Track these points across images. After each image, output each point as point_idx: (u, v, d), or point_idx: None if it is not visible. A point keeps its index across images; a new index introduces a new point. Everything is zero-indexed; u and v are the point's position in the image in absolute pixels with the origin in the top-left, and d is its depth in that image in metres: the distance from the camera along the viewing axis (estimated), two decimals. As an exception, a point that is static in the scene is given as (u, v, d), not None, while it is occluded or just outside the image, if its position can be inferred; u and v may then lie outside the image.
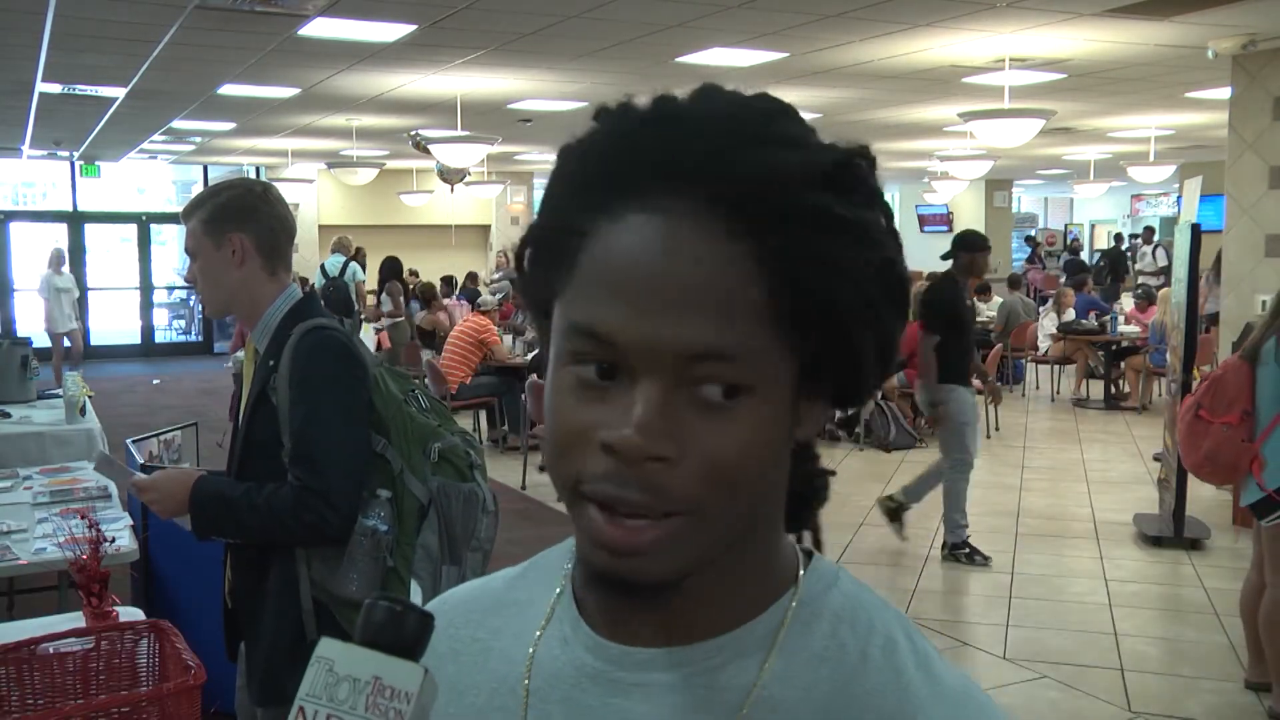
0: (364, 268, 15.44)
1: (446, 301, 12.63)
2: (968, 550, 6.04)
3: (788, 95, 0.66)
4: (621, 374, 0.61)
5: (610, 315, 0.61)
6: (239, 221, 2.24)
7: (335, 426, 2.13)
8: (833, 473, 0.77)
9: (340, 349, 2.18)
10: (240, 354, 9.00)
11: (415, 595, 2.12)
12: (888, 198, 0.69)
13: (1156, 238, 18.70)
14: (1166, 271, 15.91)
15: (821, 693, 0.66)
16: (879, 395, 9.52)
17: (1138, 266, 18.22)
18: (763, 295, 0.60)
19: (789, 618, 0.68)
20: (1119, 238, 22.34)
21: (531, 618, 0.75)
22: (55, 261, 13.28)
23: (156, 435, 5.26)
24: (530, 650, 0.73)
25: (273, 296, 2.28)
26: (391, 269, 13.47)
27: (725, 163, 0.60)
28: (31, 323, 15.94)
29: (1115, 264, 19.17)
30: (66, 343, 13.34)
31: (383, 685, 0.66)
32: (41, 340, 14.05)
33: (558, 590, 0.75)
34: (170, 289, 18.20)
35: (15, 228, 17.27)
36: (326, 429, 2.12)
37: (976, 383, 6.56)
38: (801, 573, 0.71)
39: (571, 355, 0.63)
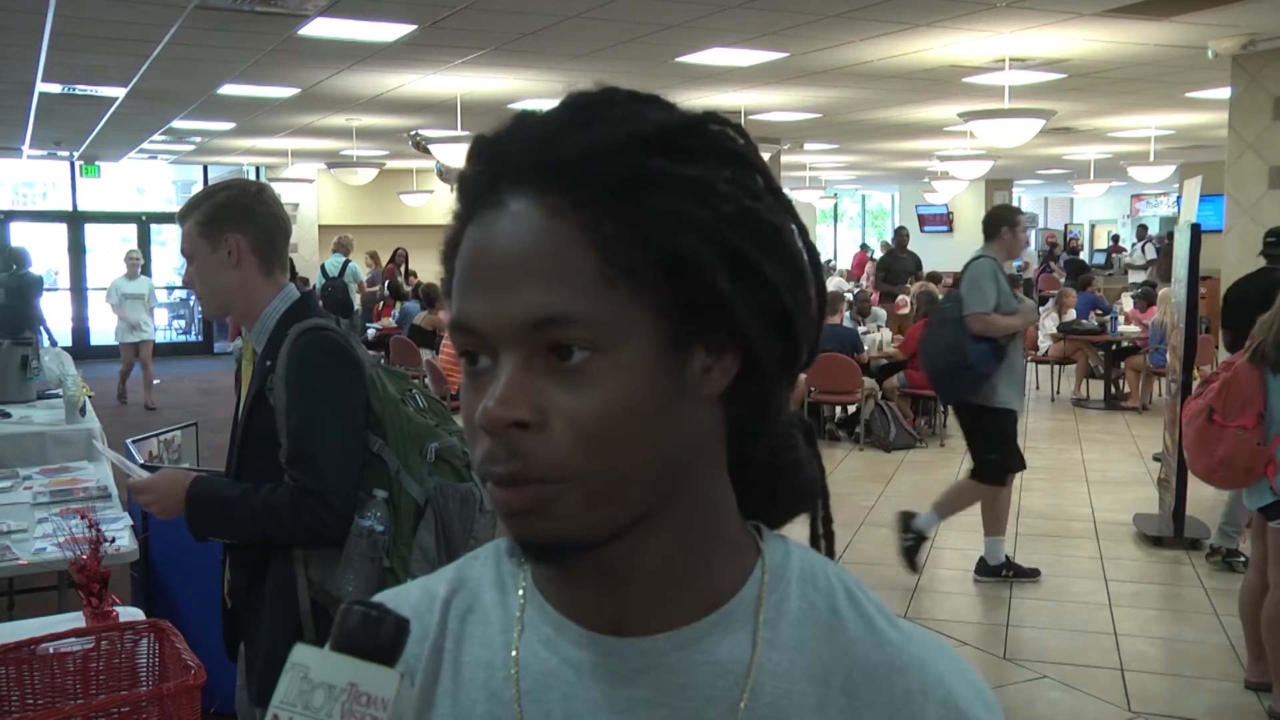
0: (407, 270, 15.58)
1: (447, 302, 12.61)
2: (1226, 555, 5.86)
3: (788, 95, 0.67)
4: (492, 358, 0.66)
5: (468, 305, 0.66)
6: (234, 222, 2.24)
7: (331, 427, 2.12)
8: (807, 434, 0.78)
9: (336, 349, 2.17)
10: (239, 342, 9.13)
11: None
12: (888, 197, 0.70)
13: (1147, 235, 18.89)
14: (1154, 265, 16.00)
15: (810, 650, 0.71)
16: (879, 395, 9.52)
17: (1126, 260, 18.31)
18: (595, 259, 0.63)
19: (765, 588, 0.72)
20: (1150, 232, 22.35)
21: (495, 625, 0.76)
22: (129, 264, 12.01)
23: (156, 435, 5.26)
24: (513, 654, 0.74)
25: (270, 296, 2.28)
26: None
27: (545, 151, 0.65)
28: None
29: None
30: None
31: (358, 692, 0.65)
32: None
33: (519, 593, 0.76)
34: (170, 289, 18.19)
35: (15, 228, 17.27)
36: (323, 429, 2.12)
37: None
38: (761, 544, 0.75)
39: (460, 353, 0.68)
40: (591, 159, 0.64)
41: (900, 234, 14.43)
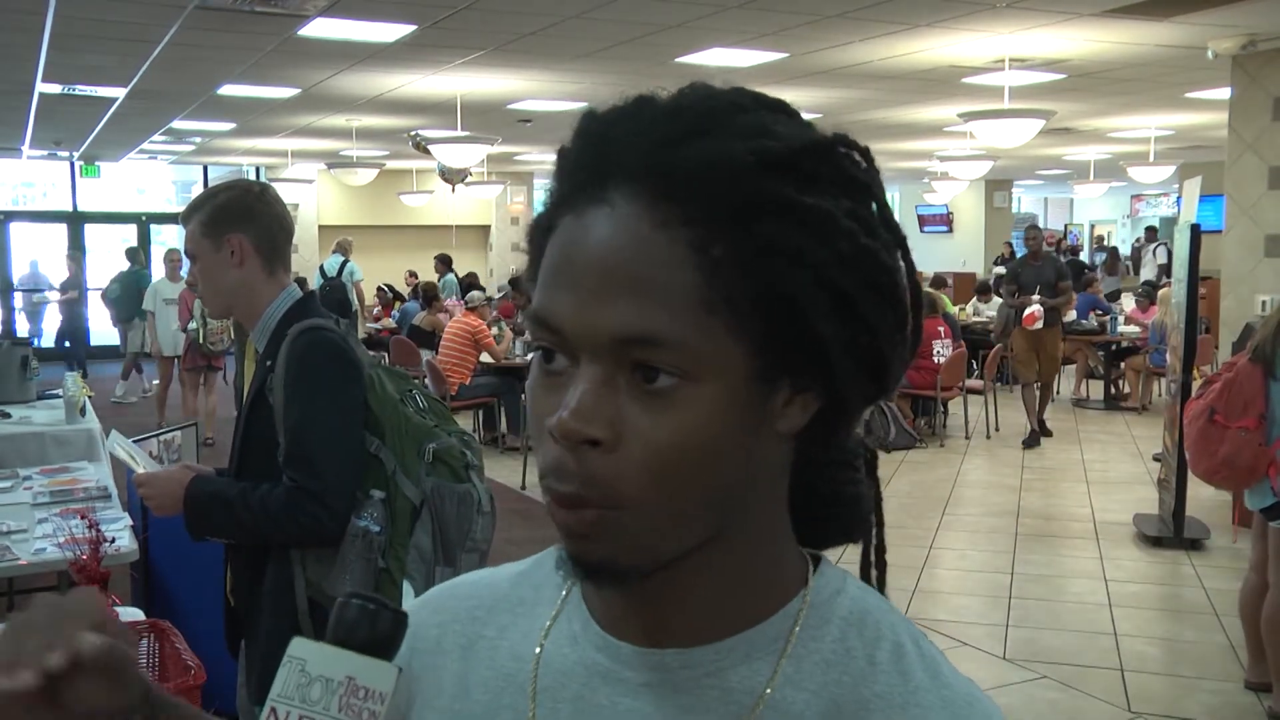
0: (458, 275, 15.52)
1: (448, 302, 12.62)
2: None
3: (787, 95, 0.66)
4: (571, 362, 0.63)
5: (554, 302, 0.63)
6: (237, 222, 2.25)
7: (329, 426, 2.12)
8: (870, 462, 0.80)
9: (334, 349, 2.18)
10: (193, 325, 9.27)
11: (408, 596, 2.12)
12: (888, 197, 0.69)
13: (1158, 236, 18.87)
14: (1166, 270, 15.96)
15: (829, 696, 0.66)
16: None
17: (1144, 268, 18.17)
18: (698, 283, 0.60)
19: (799, 622, 0.68)
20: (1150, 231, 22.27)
21: (539, 615, 0.75)
22: (169, 265, 10.49)
23: (156, 435, 5.26)
24: (538, 648, 0.73)
25: (272, 296, 2.28)
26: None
27: (663, 156, 0.61)
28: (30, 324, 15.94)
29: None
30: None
31: (356, 685, 0.65)
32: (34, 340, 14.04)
33: (564, 590, 0.75)
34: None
35: (15, 228, 17.26)
36: (320, 429, 2.12)
37: None
38: (811, 577, 0.71)
39: (536, 345, 0.65)
40: (711, 173, 0.60)
41: (1031, 234, 10.14)
